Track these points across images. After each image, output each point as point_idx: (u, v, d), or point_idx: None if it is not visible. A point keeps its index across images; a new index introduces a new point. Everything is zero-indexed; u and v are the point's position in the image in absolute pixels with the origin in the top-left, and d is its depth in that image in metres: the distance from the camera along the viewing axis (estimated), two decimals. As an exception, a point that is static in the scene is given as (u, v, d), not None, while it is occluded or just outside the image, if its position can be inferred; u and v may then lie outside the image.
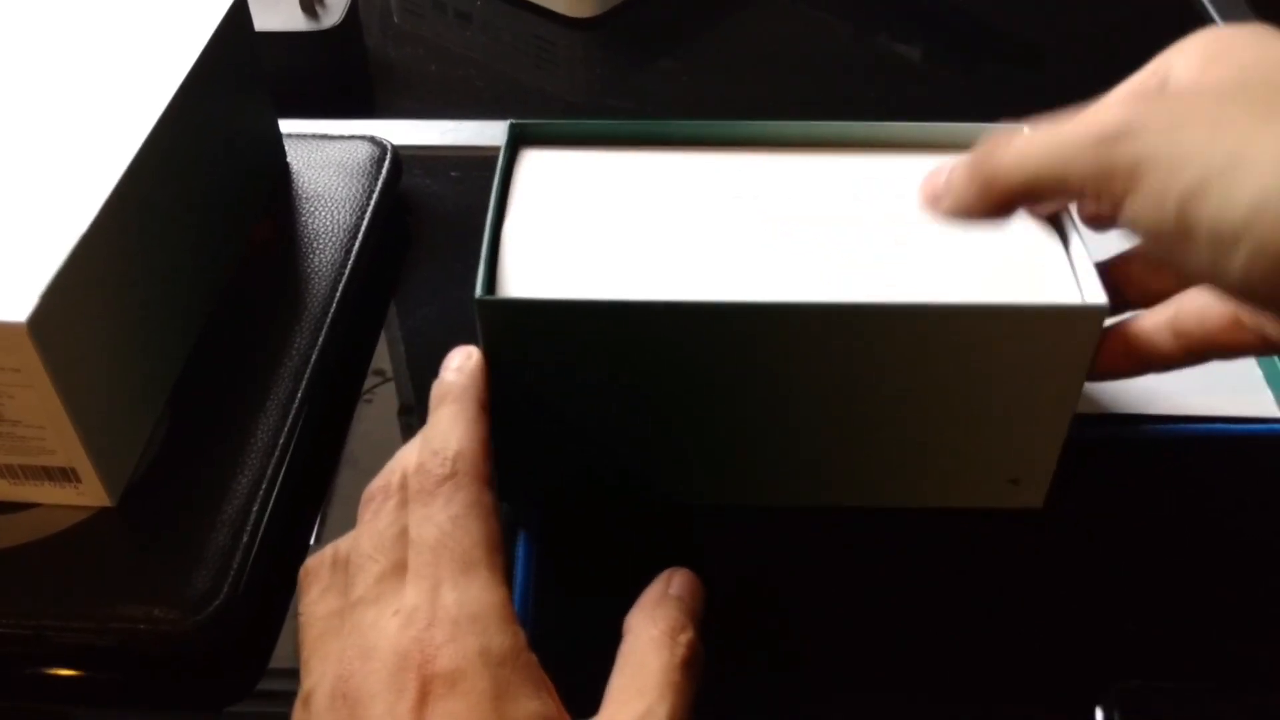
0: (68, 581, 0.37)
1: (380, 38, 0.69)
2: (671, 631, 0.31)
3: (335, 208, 0.51)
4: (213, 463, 0.40)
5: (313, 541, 0.41)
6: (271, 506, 0.39)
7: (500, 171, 0.38)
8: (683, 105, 0.64)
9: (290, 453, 0.41)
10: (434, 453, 0.31)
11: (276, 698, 0.37)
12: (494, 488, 0.32)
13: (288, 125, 0.53)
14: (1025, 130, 0.33)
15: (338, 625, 0.30)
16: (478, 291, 0.34)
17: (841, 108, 0.63)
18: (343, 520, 0.41)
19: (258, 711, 0.37)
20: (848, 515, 0.40)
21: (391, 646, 0.28)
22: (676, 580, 0.33)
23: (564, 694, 0.29)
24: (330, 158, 0.53)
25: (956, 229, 0.37)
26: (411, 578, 0.30)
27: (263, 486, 0.40)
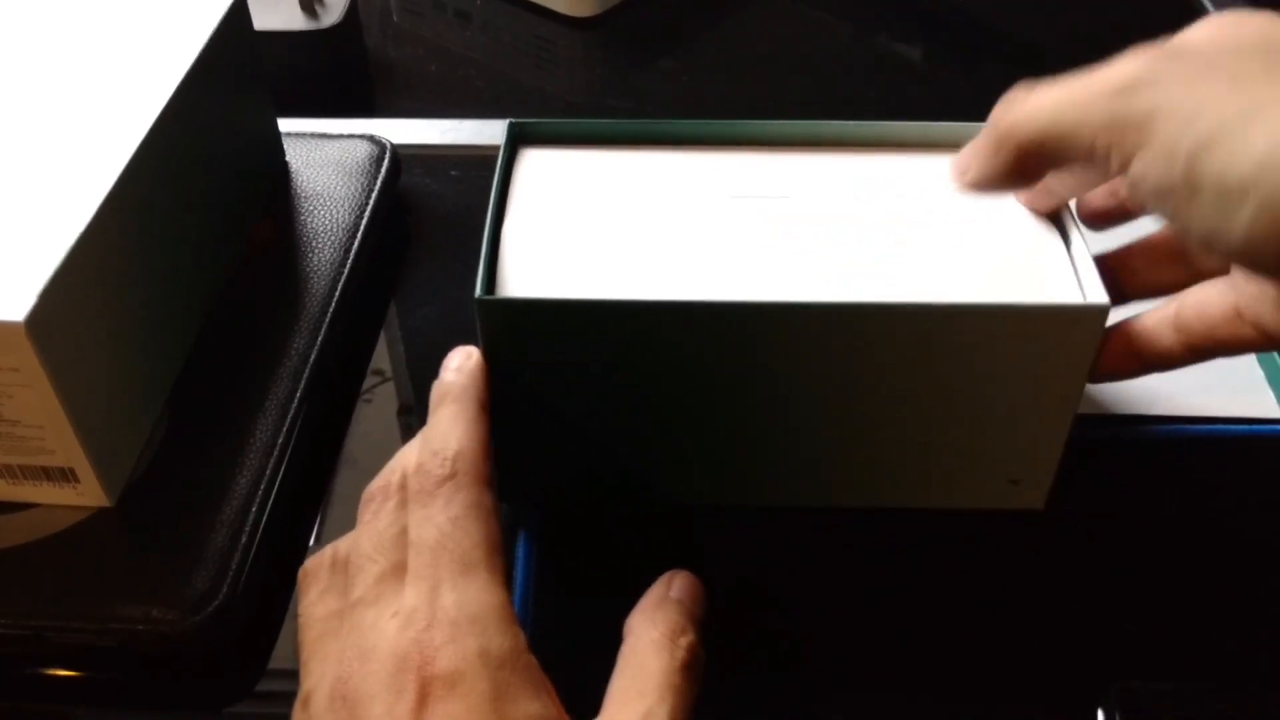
0: (67, 582, 0.37)
1: (380, 37, 0.69)
2: (672, 634, 0.31)
3: (335, 207, 0.51)
4: (212, 463, 0.40)
5: (312, 542, 0.41)
6: (271, 506, 0.39)
7: (500, 171, 0.38)
8: (683, 105, 0.64)
9: (290, 453, 0.41)
10: (434, 453, 0.31)
11: (276, 698, 0.37)
12: (494, 488, 0.32)
13: (287, 124, 0.53)
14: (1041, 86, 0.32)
15: (337, 626, 0.30)
16: (477, 291, 0.34)
17: (841, 108, 0.63)
18: (342, 520, 0.41)
19: (257, 712, 0.37)
20: (848, 515, 0.40)
21: (391, 648, 0.28)
22: (677, 583, 0.33)
23: (564, 695, 0.29)
24: (330, 157, 0.53)
25: (961, 225, 0.37)
26: (411, 579, 0.30)
27: (262, 486, 0.40)
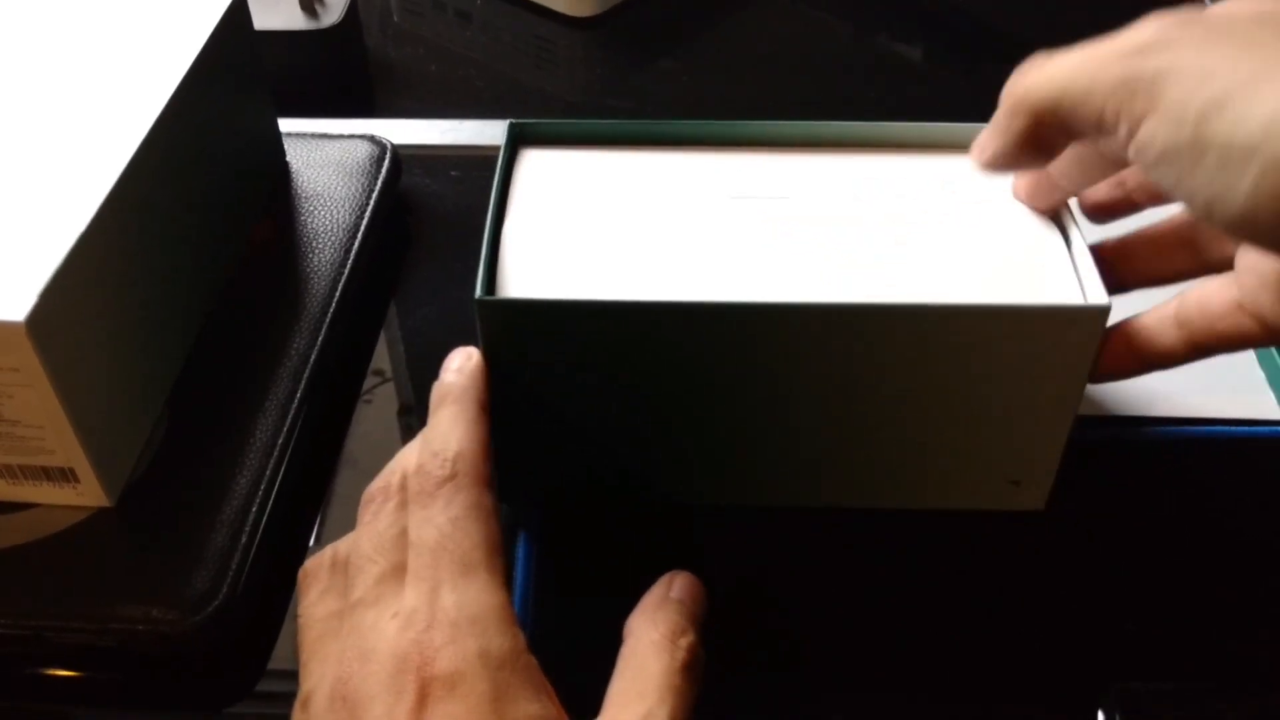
0: (67, 582, 0.37)
1: (380, 37, 0.69)
2: (672, 635, 0.31)
3: (335, 207, 0.51)
4: (212, 463, 0.40)
5: (312, 542, 0.41)
6: (271, 507, 0.39)
7: (500, 171, 0.38)
8: (683, 105, 0.64)
9: (290, 453, 0.41)
10: (434, 454, 0.31)
11: (276, 699, 0.37)
12: (494, 489, 0.32)
13: (287, 124, 0.53)
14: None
15: (337, 627, 0.30)
16: (478, 292, 0.34)
17: (841, 108, 0.63)
18: (342, 521, 0.41)
19: (257, 712, 0.37)
20: (848, 516, 0.40)
21: (390, 648, 0.28)
22: (677, 583, 0.33)
23: (564, 696, 0.29)
24: (330, 157, 0.53)
25: (960, 226, 0.37)
26: (411, 579, 0.29)
27: (262, 487, 0.40)
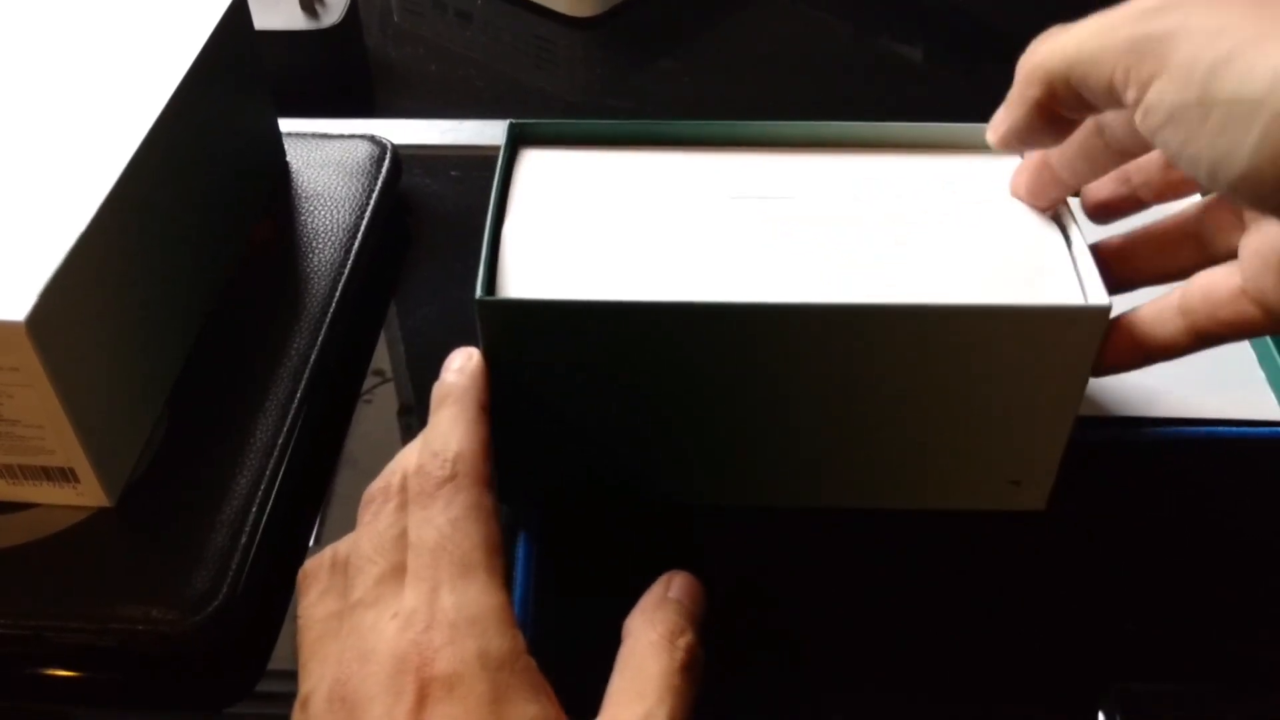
0: (67, 582, 0.37)
1: (380, 37, 0.69)
2: (671, 635, 0.31)
3: (335, 207, 0.51)
4: (212, 463, 0.40)
5: (312, 542, 0.41)
6: (271, 507, 0.39)
7: (500, 172, 0.38)
8: (683, 105, 0.64)
9: (290, 453, 0.41)
10: (434, 454, 0.31)
11: (276, 699, 0.37)
12: (494, 490, 0.32)
13: (287, 124, 0.53)
14: None
15: (336, 627, 0.30)
16: (478, 292, 0.34)
17: (841, 108, 0.63)
18: (342, 521, 0.41)
19: (257, 713, 0.37)
20: (848, 515, 0.40)
21: (390, 649, 0.28)
22: (676, 583, 0.33)
23: (564, 696, 0.29)
24: (330, 157, 0.53)
25: (960, 226, 0.37)
26: (410, 580, 0.29)
27: (262, 487, 0.40)
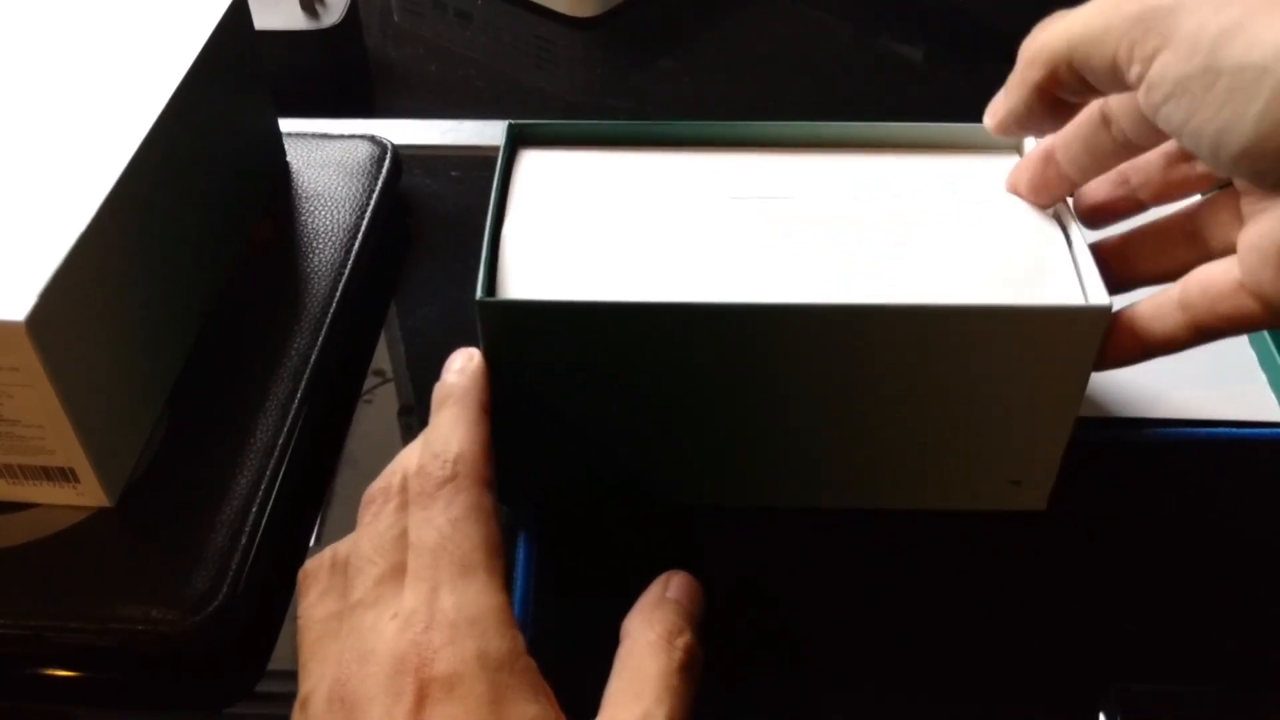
0: (67, 582, 0.37)
1: (380, 37, 0.69)
2: (669, 635, 0.31)
3: (335, 207, 0.51)
4: (212, 463, 0.40)
5: (312, 542, 0.41)
6: (271, 507, 0.39)
7: (499, 172, 0.38)
8: (683, 105, 0.64)
9: (290, 453, 0.41)
10: (434, 455, 0.31)
11: (276, 699, 0.37)
12: (494, 491, 0.32)
13: (288, 124, 0.53)
14: None
15: (336, 628, 0.30)
16: (478, 293, 0.34)
17: (841, 108, 0.63)
18: (342, 521, 0.41)
19: (257, 713, 0.37)
20: (848, 516, 0.40)
21: (389, 650, 0.28)
22: (674, 583, 0.33)
23: (564, 697, 0.29)
24: (330, 157, 0.53)
25: (960, 225, 0.37)
26: (410, 580, 0.29)
27: (262, 487, 0.40)
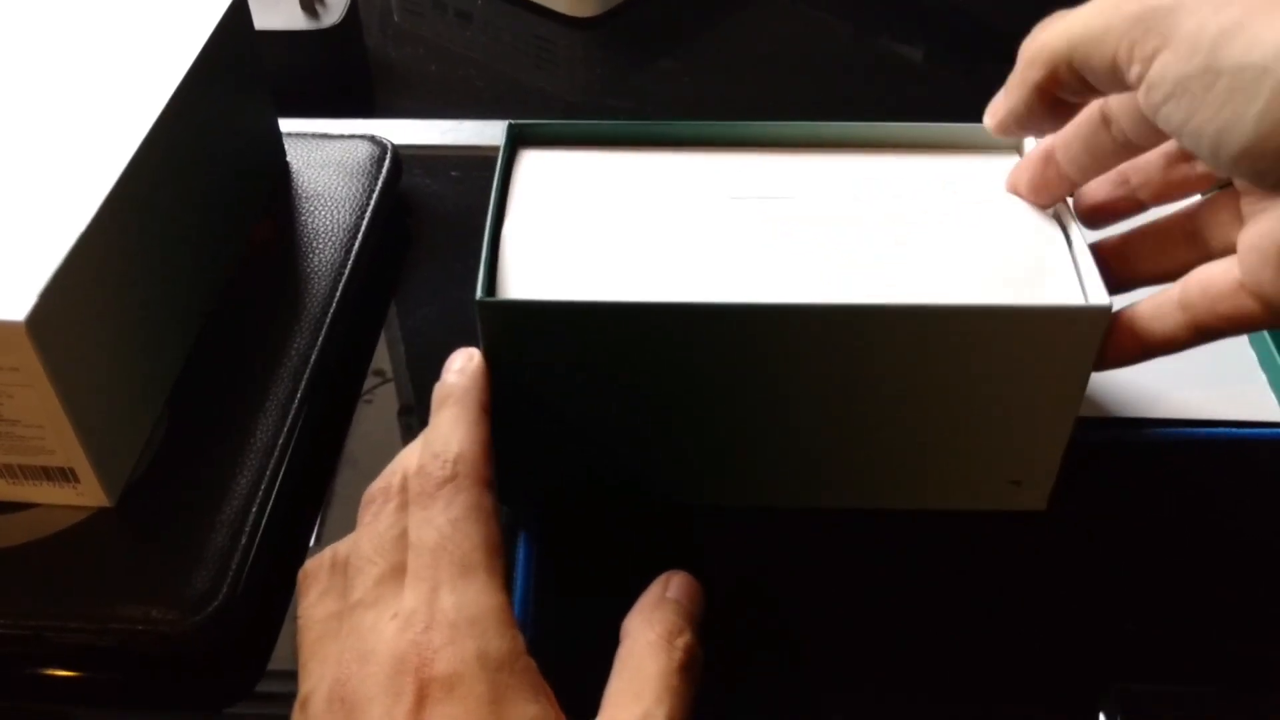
0: (67, 582, 0.37)
1: (380, 37, 0.69)
2: (669, 635, 0.31)
3: (335, 207, 0.51)
4: (212, 463, 0.40)
5: (312, 542, 0.41)
6: (271, 507, 0.39)
7: (499, 172, 0.38)
8: (683, 105, 0.64)
9: (290, 453, 0.41)
10: (434, 455, 0.31)
11: (276, 699, 0.37)
12: (495, 491, 0.32)
13: (288, 124, 0.53)
14: None
15: (336, 628, 0.30)
16: (478, 293, 0.34)
17: (841, 108, 0.63)
18: (342, 521, 0.41)
19: (257, 713, 0.37)
20: (848, 515, 0.40)
21: (389, 650, 0.28)
22: (674, 583, 0.33)
23: (565, 697, 0.29)
24: (330, 157, 0.53)
25: (960, 225, 0.37)
26: (410, 581, 0.29)
27: (262, 487, 0.40)
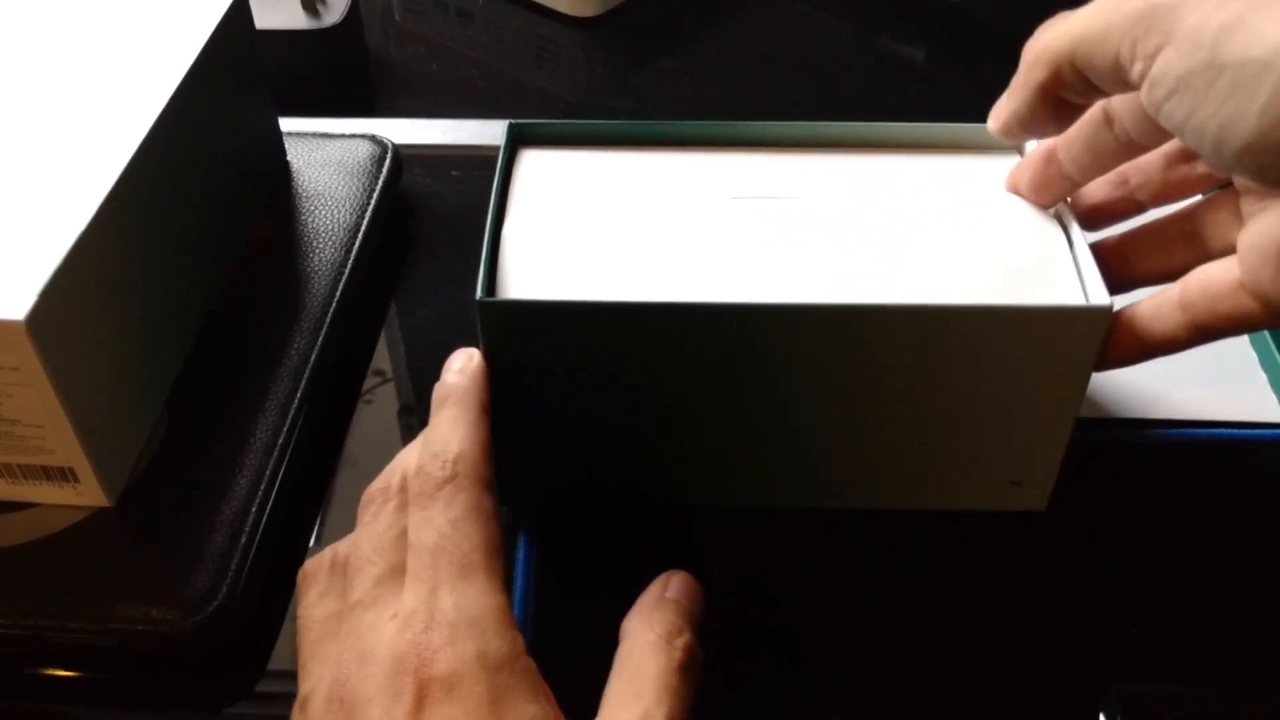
0: (66, 582, 0.37)
1: (381, 36, 0.69)
2: (668, 635, 0.31)
3: (335, 207, 0.51)
4: (212, 463, 0.40)
5: (312, 542, 0.41)
6: (271, 507, 0.39)
7: (499, 172, 0.38)
8: (683, 105, 0.64)
9: (290, 453, 0.41)
10: (434, 455, 0.31)
11: (275, 699, 0.37)
12: (495, 491, 0.32)
13: (288, 124, 0.53)
14: None
15: (335, 628, 0.30)
16: (478, 293, 0.34)
17: (841, 108, 0.63)
18: (342, 521, 0.41)
19: (257, 713, 0.37)
20: (848, 515, 0.40)
21: (389, 650, 0.28)
22: (674, 583, 0.33)
23: (565, 698, 0.29)
24: (331, 156, 0.53)
25: (961, 225, 0.37)
26: (410, 581, 0.29)
27: (262, 487, 0.40)
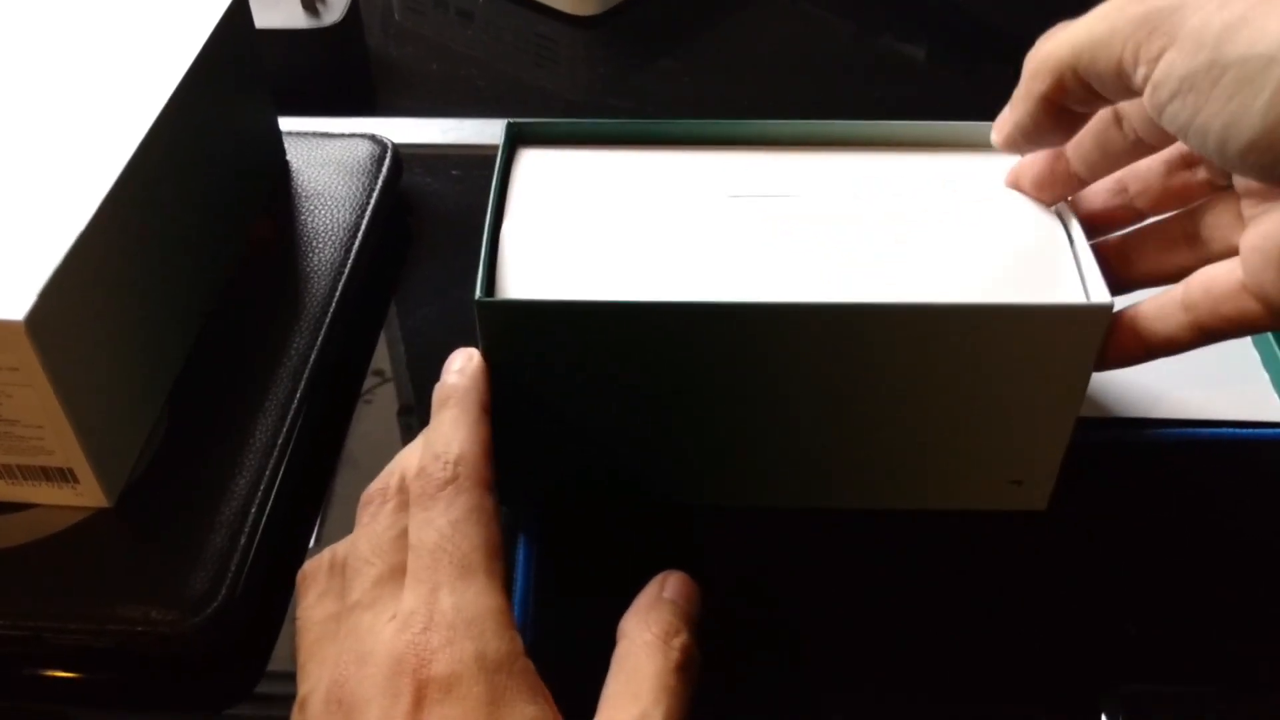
0: (66, 582, 0.37)
1: (381, 36, 0.69)
2: (666, 635, 0.31)
3: (335, 206, 0.51)
4: (211, 463, 0.40)
5: (312, 542, 0.41)
6: (270, 507, 0.39)
7: (498, 172, 0.38)
8: (683, 105, 0.64)
9: (289, 453, 0.41)
10: (435, 456, 0.31)
11: (275, 700, 0.37)
12: (495, 492, 0.32)
13: (288, 123, 0.53)
14: None
15: (334, 629, 0.30)
16: (477, 293, 0.34)
17: (841, 108, 0.63)
18: (342, 521, 0.41)
19: (256, 714, 0.37)
20: (848, 515, 0.40)
21: (387, 651, 0.28)
22: (671, 583, 0.33)
23: (563, 697, 0.29)
24: (330, 156, 0.53)
25: (961, 224, 0.37)
26: (409, 581, 0.29)
27: (261, 487, 0.39)
